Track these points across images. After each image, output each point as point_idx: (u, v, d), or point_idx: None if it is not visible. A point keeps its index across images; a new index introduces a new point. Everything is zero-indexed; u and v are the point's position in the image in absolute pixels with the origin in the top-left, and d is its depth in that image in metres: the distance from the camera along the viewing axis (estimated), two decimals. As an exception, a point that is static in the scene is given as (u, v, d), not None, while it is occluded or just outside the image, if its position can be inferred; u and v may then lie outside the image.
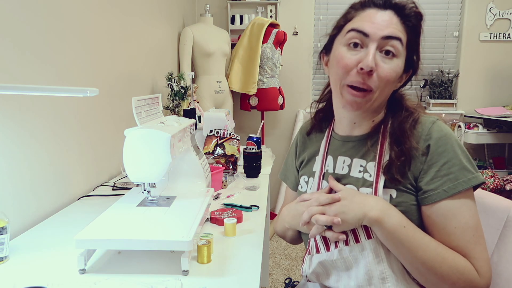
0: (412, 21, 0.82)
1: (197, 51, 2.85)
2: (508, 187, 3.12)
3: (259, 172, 1.71)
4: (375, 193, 0.81)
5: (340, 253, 0.82)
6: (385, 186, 0.81)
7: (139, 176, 1.00)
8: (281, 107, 3.23)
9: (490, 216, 0.92)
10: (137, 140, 0.98)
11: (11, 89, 0.82)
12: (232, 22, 3.42)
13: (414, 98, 0.92)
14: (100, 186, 1.54)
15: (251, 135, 1.70)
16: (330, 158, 0.93)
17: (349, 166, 0.88)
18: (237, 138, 1.79)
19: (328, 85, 0.95)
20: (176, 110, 2.22)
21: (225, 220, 1.07)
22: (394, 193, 0.80)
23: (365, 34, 0.79)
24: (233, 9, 3.44)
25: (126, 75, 1.83)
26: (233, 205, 1.28)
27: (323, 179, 0.92)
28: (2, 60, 1.02)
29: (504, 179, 3.18)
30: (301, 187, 0.99)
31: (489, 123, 3.41)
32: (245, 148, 1.70)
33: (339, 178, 0.89)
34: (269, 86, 3.14)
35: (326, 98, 0.99)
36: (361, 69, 0.77)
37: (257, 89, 3.10)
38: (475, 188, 0.79)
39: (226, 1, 3.37)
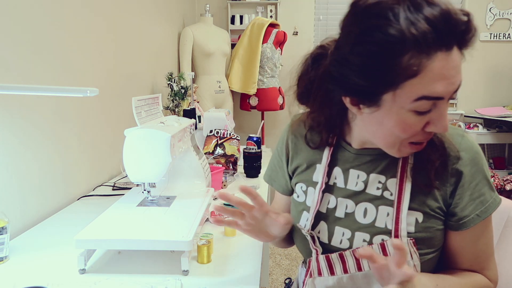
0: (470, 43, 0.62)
1: (197, 51, 2.85)
2: (508, 187, 3.12)
3: (259, 172, 1.71)
4: (397, 215, 0.71)
5: (351, 279, 0.73)
6: (410, 208, 0.71)
7: (139, 176, 1.00)
8: (281, 107, 3.23)
9: (490, 216, 0.92)
10: (137, 140, 0.98)
11: (12, 89, 0.82)
12: (232, 22, 3.42)
13: None
14: (100, 186, 1.54)
15: (251, 135, 1.70)
16: (338, 170, 0.79)
17: (365, 182, 0.76)
18: (237, 138, 1.79)
19: (314, 84, 0.73)
20: (176, 110, 2.22)
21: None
22: (420, 216, 0.71)
23: (440, 98, 0.61)
24: (233, 9, 3.44)
25: (126, 75, 1.83)
26: (233, 205, 1.28)
27: (327, 191, 0.79)
28: (3, 60, 1.02)
29: (504, 179, 3.18)
30: (298, 197, 0.84)
31: (489, 123, 3.42)
32: (245, 148, 1.70)
33: (351, 195, 0.77)
34: (269, 86, 3.14)
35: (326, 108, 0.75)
36: (430, 132, 0.65)
37: (257, 89, 3.10)
38: None
39: (226, 1, 3.37)
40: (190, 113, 2.04)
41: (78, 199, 1.37)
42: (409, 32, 0.56)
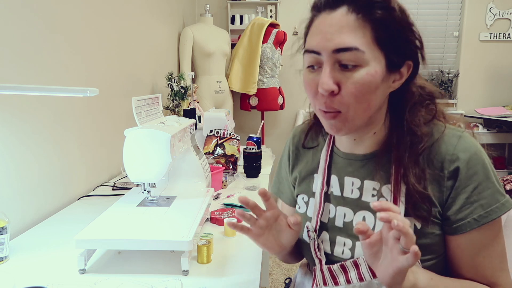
0: (375, 13, 0.64)
1: (197, 51, 2.85)
2: (508, 187, 3.11)
3: (259, 172, 1.71)
4: None
5: None
6: (407, 214, 0.69)
7: (139, 176, 1.00)
8: (281, 107, 3.23)
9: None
10: (137, 140, 0.98)
11: (12, 89, 0.82)
12: (232, 22, 3.42)
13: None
14: (100, 186, 1.54)
15: (251, 135, 1.70)
16: (334, 178, 0.79)
17: (360, 189, 0.75)
18: (237, 138, 1.79)
19: None
20: (176, 110, 2.22)
21: (225, 220, 1.07)
22: (418, 223, 0.69)
23: (317, 52, 0.65)
24: (233, 9, 3.44)
25: (126, 75, 1.83)
26: (233, 205, 1.28)
27: (326, 201, 0.79)
28: (3, 60, 1.02)
29: (504, 179, 3.18)
30: (299, 208, 0.85)
31: (489, 123, 3.42)
32: (245, 148, 1.70)
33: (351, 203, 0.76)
34: (269, 86, 3.14)
35: None
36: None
37: (257, 89, 3.10)
38: None
39: (226, 1, 3.37)
40: (190, 113, 2.04)
41: (78, 199, 1.37)
42: (312, 4, 0.70)
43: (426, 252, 0.69)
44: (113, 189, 1.49)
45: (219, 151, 1.74)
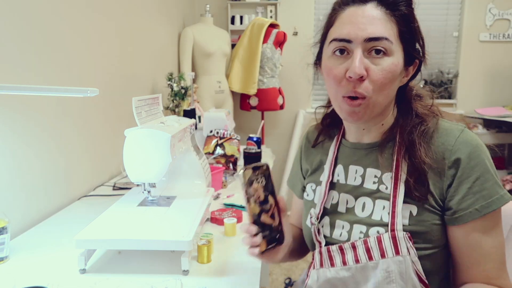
0: (400, 9, 0.72)
1: (197, 51, 2.85)
2: (508, 187, 3.12)
3: (259, 172, 1.71)
4: (394, 208, 0.72)
5: (349, 271, 0.75)
6: (405, 201, 0.72)
7: (139, 176, 1.00)
8: (281, 107, 3.23)
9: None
10: (137, 140, 0.98)
11: (12, 89, 0.82)
12: (232, 22, 3.42)
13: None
14: (100, 186, 1.54)
15: (251, 135, 1.71)
16: (340, 167, 0.84)
17: (362, 177, 0.80)
18: (237, 138, 1.79)
19: None
20: (176, 110, 2.22)
21: (225, 220, 1.07)
22: (414, 209, 0.72)
23: (347, 41, 0.71)
24: (233, 9, 3.44)
25: (126, 75, 1.83)
26: (233, 205, 1.28)
27: (331, 189, 0.84)
28: (3, 60, 1.02)
29: (504, 179, 3.18)
30: (307, 195, 0.90)
31: (489, 123, 3.42)
32: (245, 148, 1.70)
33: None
34: (269, 86, 3.14)
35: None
36: (350, 77, 0.70)
37: (257, 89, 3.10)
38: None
39: (226, 1, 3.37)
40: (190, 113, 2.04)
41: (79, 199, 1.37)
42: (335, 1, 0.77)
43: (420, 240, 0.71)
44: (113, 189, 1.49)
45: (219, 151, 1.74)
